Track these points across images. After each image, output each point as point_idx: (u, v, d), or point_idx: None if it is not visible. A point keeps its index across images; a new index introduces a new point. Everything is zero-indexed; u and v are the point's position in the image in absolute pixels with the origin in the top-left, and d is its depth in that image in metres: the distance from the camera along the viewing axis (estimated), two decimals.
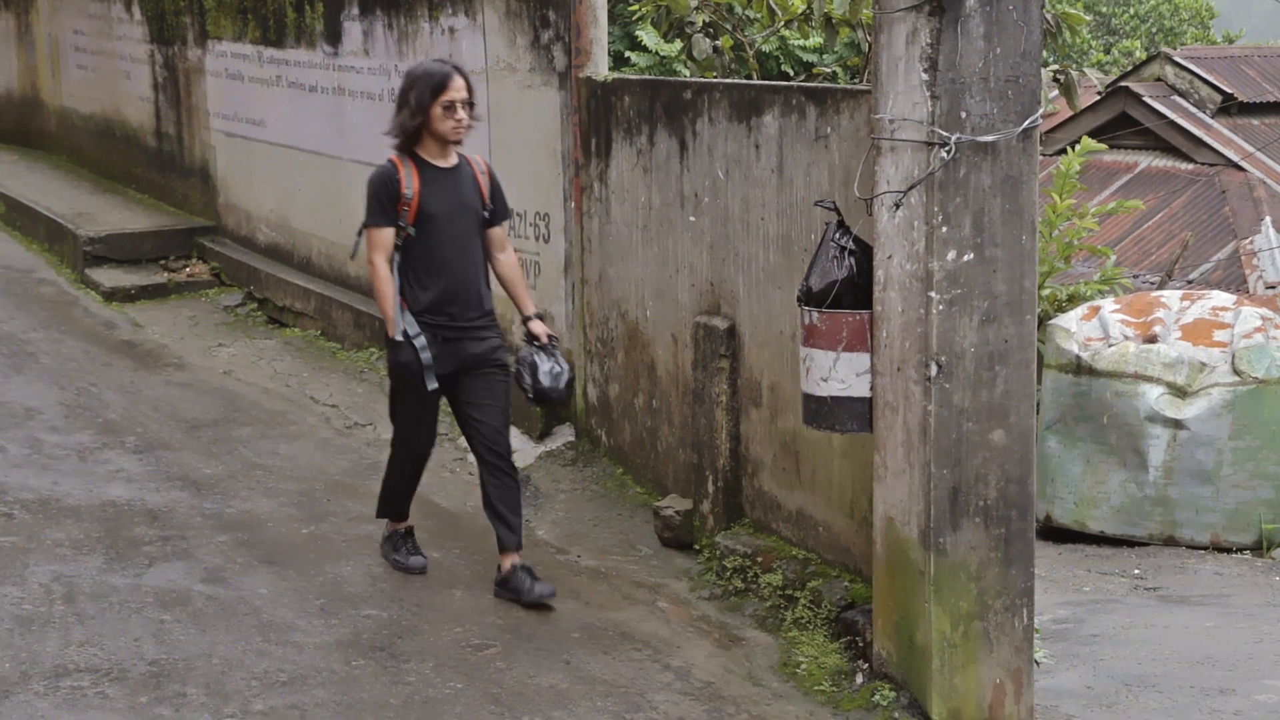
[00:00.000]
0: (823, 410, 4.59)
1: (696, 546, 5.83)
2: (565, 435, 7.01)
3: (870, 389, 4.52)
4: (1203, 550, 6.81)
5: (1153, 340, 7.04)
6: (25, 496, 6.30)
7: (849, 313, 4.50)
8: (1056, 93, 9.26)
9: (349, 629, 5.16)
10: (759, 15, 9.59)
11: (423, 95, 5.27)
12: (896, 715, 4.46)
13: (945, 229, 4.23)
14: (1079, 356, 7.05)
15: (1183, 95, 16.57)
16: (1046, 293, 8.78)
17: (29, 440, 7.09)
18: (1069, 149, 9.60)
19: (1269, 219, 14.55)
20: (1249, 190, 15.22)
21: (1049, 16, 8.07)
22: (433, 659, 4.94)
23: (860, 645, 4.81)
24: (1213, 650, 5.30)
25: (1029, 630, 4.48)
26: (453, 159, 5.42)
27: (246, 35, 9.92)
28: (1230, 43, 26.80)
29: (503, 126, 7.20)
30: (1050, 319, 7.64)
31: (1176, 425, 6.78)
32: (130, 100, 12.12)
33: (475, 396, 5.42)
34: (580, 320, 6.84)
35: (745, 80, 8.14)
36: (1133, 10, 31.29)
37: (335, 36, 8.81)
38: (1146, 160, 16.41)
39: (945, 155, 4.18)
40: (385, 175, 5.35)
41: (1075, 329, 7.21)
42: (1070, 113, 14.83)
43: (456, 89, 5.28)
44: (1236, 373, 6.82)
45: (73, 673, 4.74)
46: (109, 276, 10.25)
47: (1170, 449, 6.81)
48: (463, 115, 5.30)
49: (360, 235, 5.54)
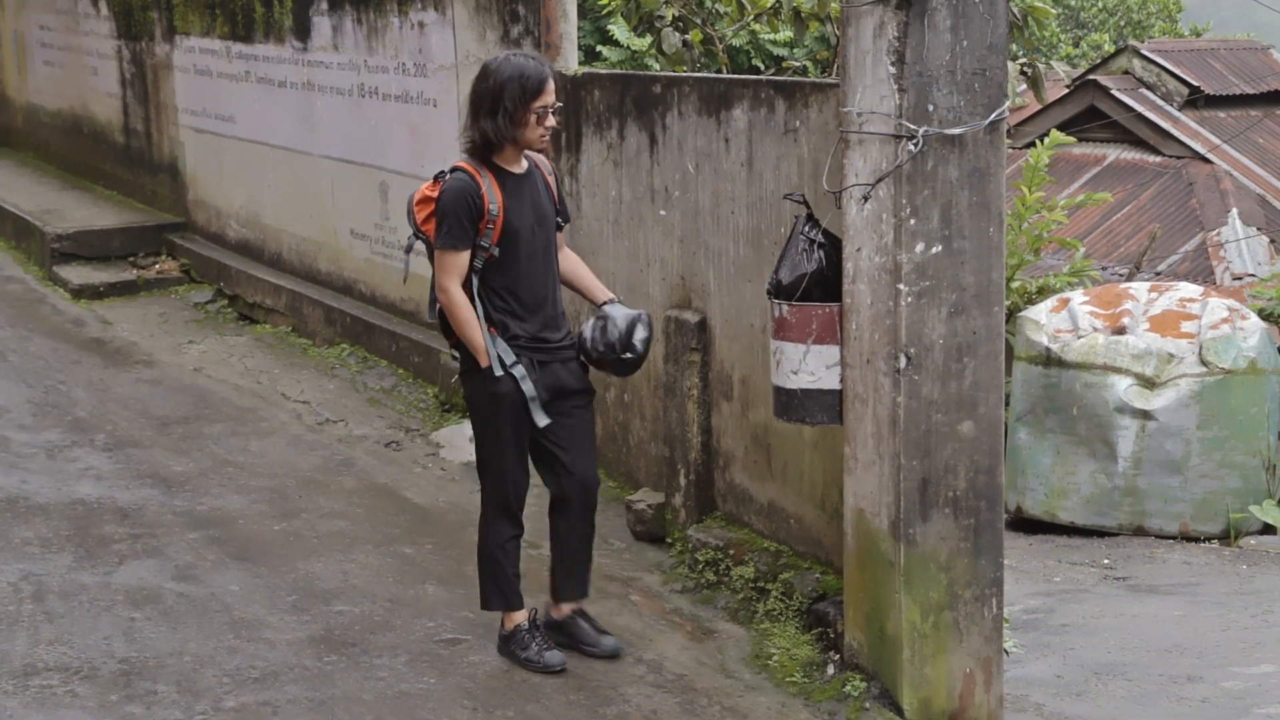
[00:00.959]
0: (793, 403, 4.60)
1: (669, 540, 5.84)
2: None
3: (840, 381, 4.54)
4: (1171, 540, 6.86)
5: (1121, 332, 7.08)
6: None
7: (818, 305, 4.51)
8: (1024, 86, 9.30)
9: (321, 625, 5.15)
10: (729, 9, 9.60)
11: (516, 100, 4.56)
12: (868, 705, 4.48)
13: (913, 221, 4.25)
14: (1048, 348, 7.09)
15: (1150, 88, 16.68)
16: (1016, 285, 8.82)
17: None
18: (1038, 142, 9.64)
19: (1235, 211, 14.67)
20: (1216, 183, 15.33)
21: (1015, 10, 8.11)
22: (405, 654, 4.94)
23: (832, 636, 4.83)
24: (1181, 638, 5.34)
25: (999, 620, 4.50)
26: (524, 163, 4.76)
27: (215, 30, 9.87)
28: (1197, 36, 26.95)
29: None
30: (1020, 311, 7.68)
31: (1145, 416, 6.83)
32: (98, 96, 12.04)
33: (567, 433, 4.80)
34: None
35: (715, 74, 8.15)
36: (1101, 4, 31.43)
37: (304, 32, 8.77)
38: (1115, 153, 16.51)
39: (913, 148, 4.19)
40: (465, 190, 4.58)
41: (1044, 321, 7.24)
42: (1038, 106, 14.88)
43: (551, 93, 4.62)
44: (1204, 363, 6.87)
45: (42, 671, 4.72)
46: (77, 274, 10.19)
47: (1139, 440, 6.86)
48: (553, 122, 4.66)
49: (409, 252, 4.86)
